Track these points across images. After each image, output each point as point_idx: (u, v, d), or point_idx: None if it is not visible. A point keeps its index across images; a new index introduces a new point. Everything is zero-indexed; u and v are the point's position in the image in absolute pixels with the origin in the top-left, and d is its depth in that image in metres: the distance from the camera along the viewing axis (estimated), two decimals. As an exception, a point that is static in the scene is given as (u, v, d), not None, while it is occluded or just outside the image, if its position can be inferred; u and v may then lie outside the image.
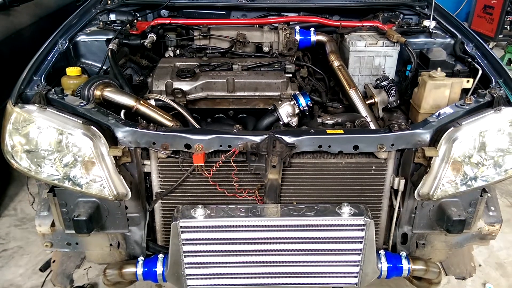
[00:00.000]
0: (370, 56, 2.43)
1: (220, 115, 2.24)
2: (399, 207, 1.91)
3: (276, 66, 2.30)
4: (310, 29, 2.59)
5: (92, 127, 1.68)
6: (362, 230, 1.71)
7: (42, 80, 1.95)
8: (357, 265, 1.80)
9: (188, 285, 1.83)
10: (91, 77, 2.00)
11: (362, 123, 2.03)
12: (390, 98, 2.26)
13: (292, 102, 2.06)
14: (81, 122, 1.69)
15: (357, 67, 2.46)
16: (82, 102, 1.80)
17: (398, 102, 2.28)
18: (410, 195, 1.86)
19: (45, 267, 2.68)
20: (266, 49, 2.57)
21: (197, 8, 2.90)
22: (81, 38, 2.42)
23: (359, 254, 1.77)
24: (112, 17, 2.64)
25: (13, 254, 2.93)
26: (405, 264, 1.90)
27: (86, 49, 2.43)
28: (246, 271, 1.81)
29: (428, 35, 2.52)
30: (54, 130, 1.69)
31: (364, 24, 2.66)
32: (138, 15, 2.71)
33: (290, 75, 2.26)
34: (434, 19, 2.54)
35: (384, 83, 2.28)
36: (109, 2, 2.75)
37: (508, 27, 6.32)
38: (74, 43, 2.38)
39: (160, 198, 1.88)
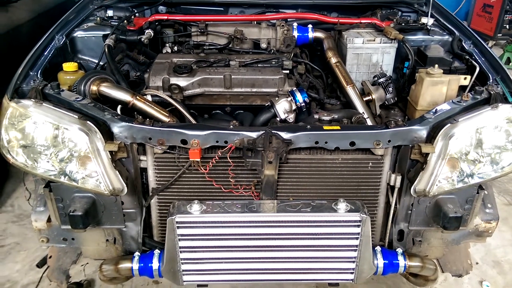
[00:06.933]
0: (368, 53, 2.43)
1: (217, 111, 2.23)
2: (395, 204, 1.91)
3: (274, 63, 2.29)
4: (308, 26, 2.60)
5: (88, 122, 1.68)
6: (358, 226, 1.71)
7: (39, 75, 1.94)
8: (353, 262, 1.80)
9: (184, 281, 1.83)
10: (88, 73, 2.00)
11: (359, 119, 2.03)
12: (388, 95, 2.27)
13: (289, 99, 2.05)
14: (77, 117, 1.68)
15: (354, 64, 2.46)
16: (78, 97, 1.80)
17: (396, 99, 2.28)
18: (407, 192, 1.86)
19: (42, 263, 2.69)
20: (263, 45, 2.57)
21: (195, 4, 2.90)
22: (78, 33, 2.42)
23: (355, 250, 1.77)
24: (110, 13, 2.64)
25: (10, 250, 2.93)
26: (401, 261, 1.90)
27: (83, 44, 2.43)
28: (242, 267, 1.81)
29: (426, 32, 2.52)
30: (50, 125, 1.68)
31: (362, 21, 2.66)
32: (135, 11, 2.71)
33: (288, 71, 2.25)
34: (432, 16, 2.54)
35: (381, 80, 2.28)
36: (106, -2, 2.74)
37: (507, 26, 6.31)
38: (71, 39, 2.38)
39: (156, 193, 1.88)
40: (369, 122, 2.14)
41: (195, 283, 1.89)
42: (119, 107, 1.93)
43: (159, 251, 1.87)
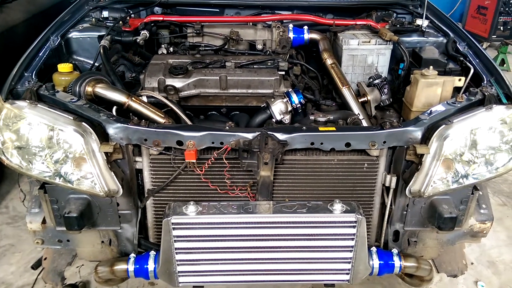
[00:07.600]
0: (363, 55, 2.44)
1: (213, 112, 2.23)
2: (390, 205, 1.92)
3: (269, 64, 2.30)
4: (304, 27, 2.60)
5: (83, 123, 1.67)
6: (353, 227, 1.72)
7: (33, 76, 1.94)
8: (349, 262, 1.80)
9: (180, 282, 1.83)
10: (83, 74, 2.00)
11: (354, 120, 2.04)
12: (383, 96, 2.27)
13: (285, 100, 2.06)
14: (72, 118, 1.68)
15: (350, 65, 2.47)
16: (73, 98, 1.79)
17: (391, 100, 2.29)
18: (402, 193, 1.86)
19: (37, 265, 2.68)
20: (259, 46, 2.57)
21: (190, 6, 2.90)
22: (73, 34, 2.41)
23: (351, 251, 1.77)
24: (105, 14, 2.64)
25: (5, 252, 2.91)
26: (396, 261, 1.91)
27: (78, 45, 2.42)
28: (238, 268, 1.81)
29: (420, 34, 2.53)
30: (45, 126, 1.67)
31: (358, 23, 2.66)
32: (131, 12, 2.70)
33: (283, 72, 2.25)
34: (426, 18, 2.55)
35: (376, 81, 2.28)
36: (101, -1, 2.74)
37: (502, 28, 6.36)
38: (66, 40, 2.37)
39: (152, 195, 1.88)
40: (364, 123, 2.15)
41: (191, 285, 1.88)
42: (114, 108, 1.92)
43: (155, 253, 1.87)
